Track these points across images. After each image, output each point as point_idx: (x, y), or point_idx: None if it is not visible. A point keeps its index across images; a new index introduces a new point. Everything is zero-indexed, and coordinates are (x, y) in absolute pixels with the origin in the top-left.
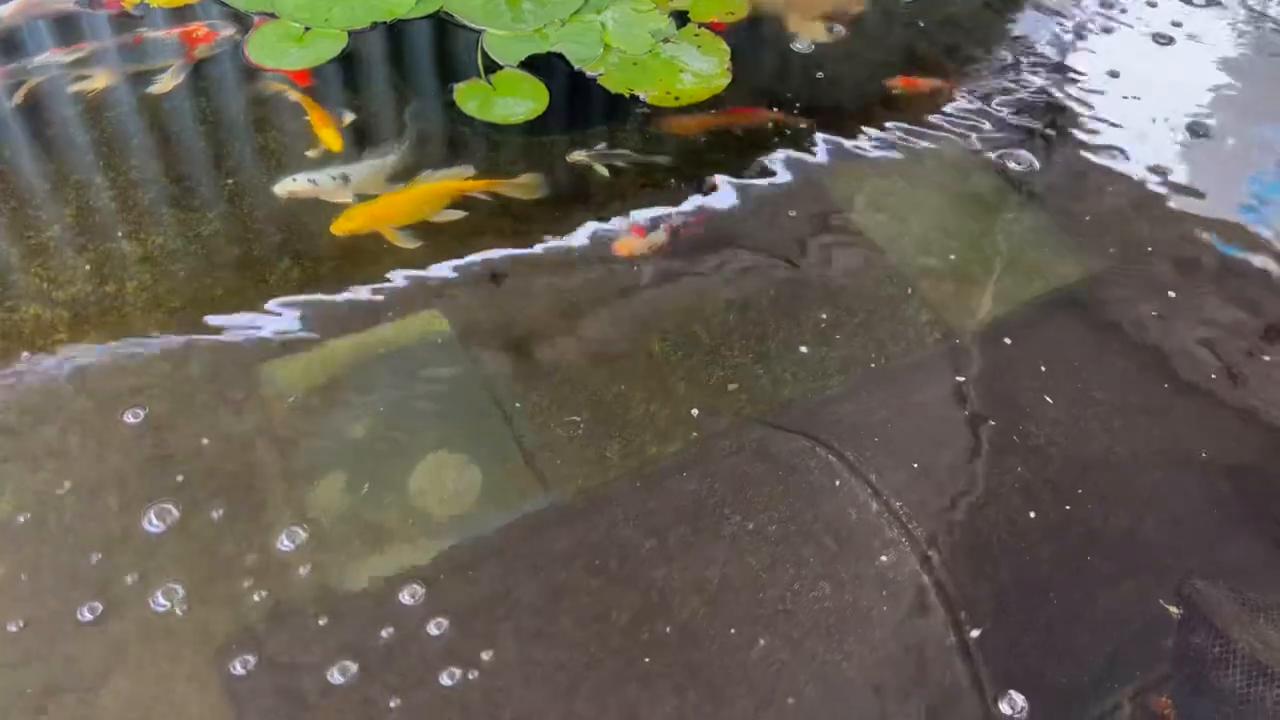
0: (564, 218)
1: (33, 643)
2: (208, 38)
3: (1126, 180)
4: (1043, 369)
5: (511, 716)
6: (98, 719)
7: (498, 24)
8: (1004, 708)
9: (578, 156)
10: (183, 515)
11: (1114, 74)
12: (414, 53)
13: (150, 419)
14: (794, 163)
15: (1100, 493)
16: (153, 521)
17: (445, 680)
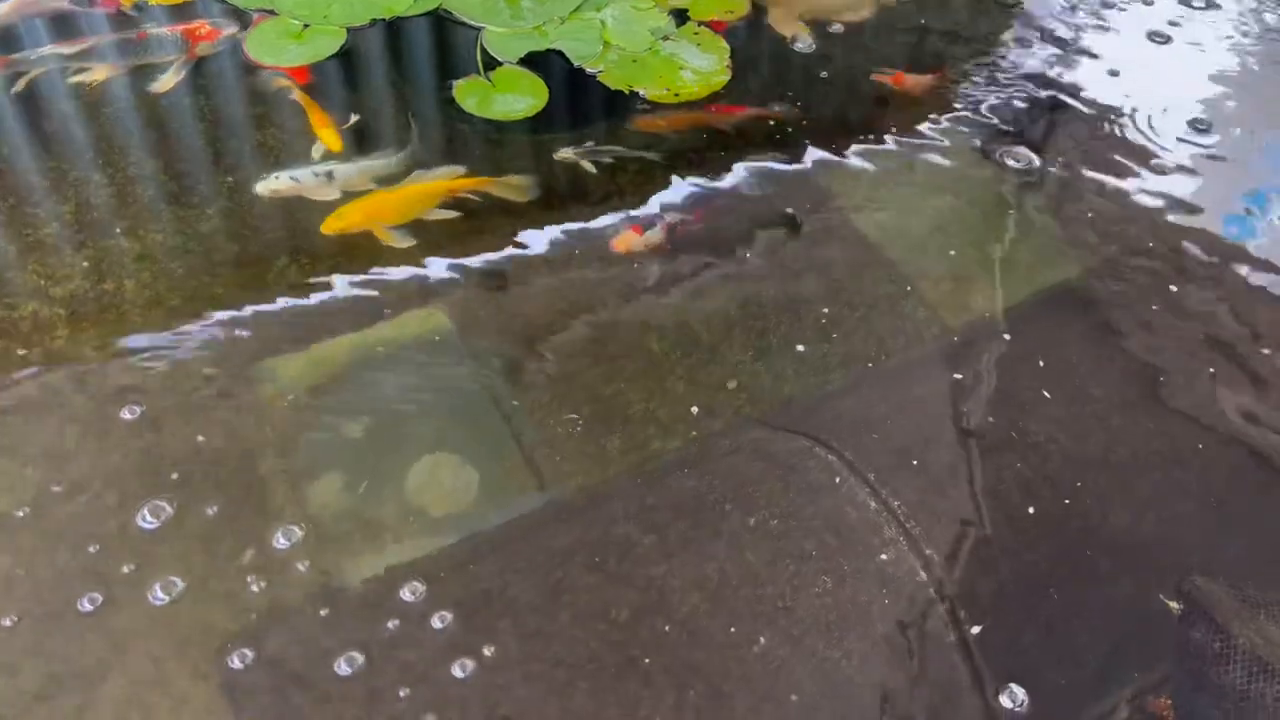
0: (563, 215)
1: (28, 639)
2: (211, 35)
3: (1126, 178)
4: (1042, 366)
5: (510, 713)
6: (95, 716)
7: (497, 21)
8: (1005, 701)
9: (565, 154)
10: (180, 513)
11: (1113, 72)
12: (413, 50)
13: (148, 416)
14: (792, 161)
15: (1100, 489)
16: (150, 519)
17: (444, 677)
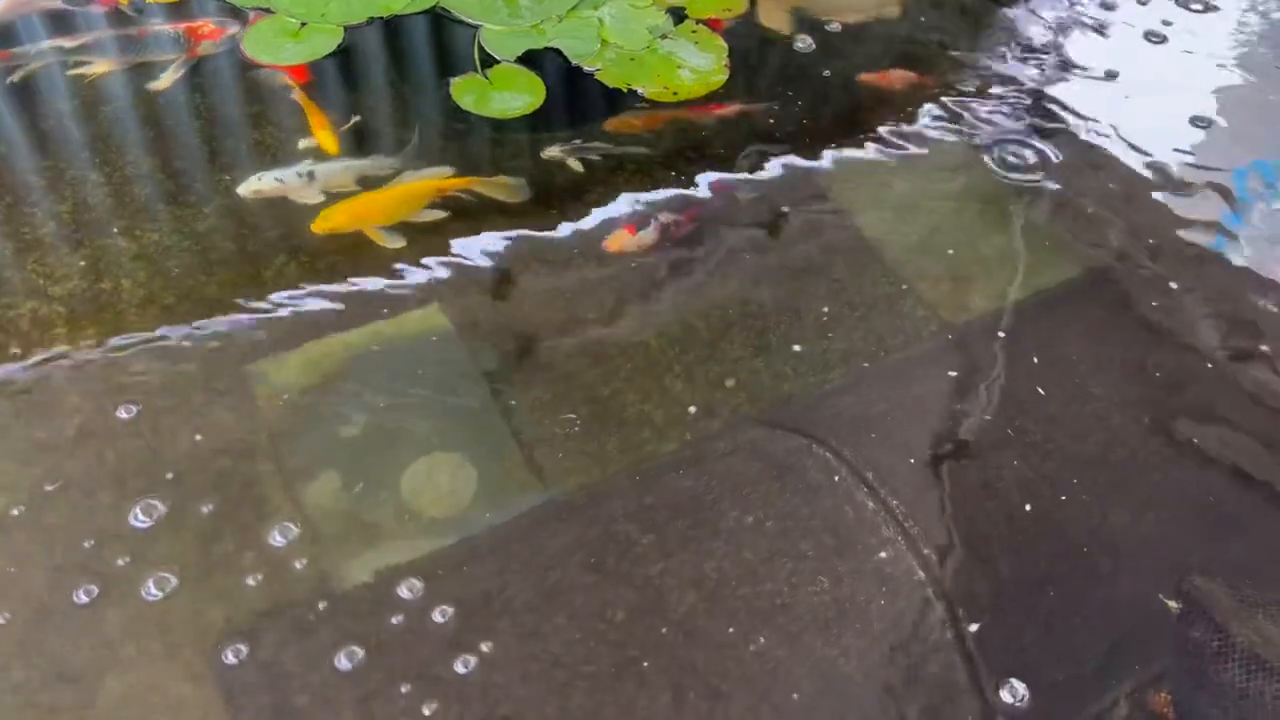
0: (561, 213)
1: (21, 637)
2: (213, 34)
3: (1125, 176)
4: (1040, 365)
5: (508, 712)
6: (91, 714)
7: (495, 19)
8: (1005, 696)
9: (553, 152)
10: (176, 512)
11: (1112, 71)
12: (410, 48)
13: (145, 415)
14: (789, 159)
15: (1098, 488)
16: (146, 517)
17: (442, 676)
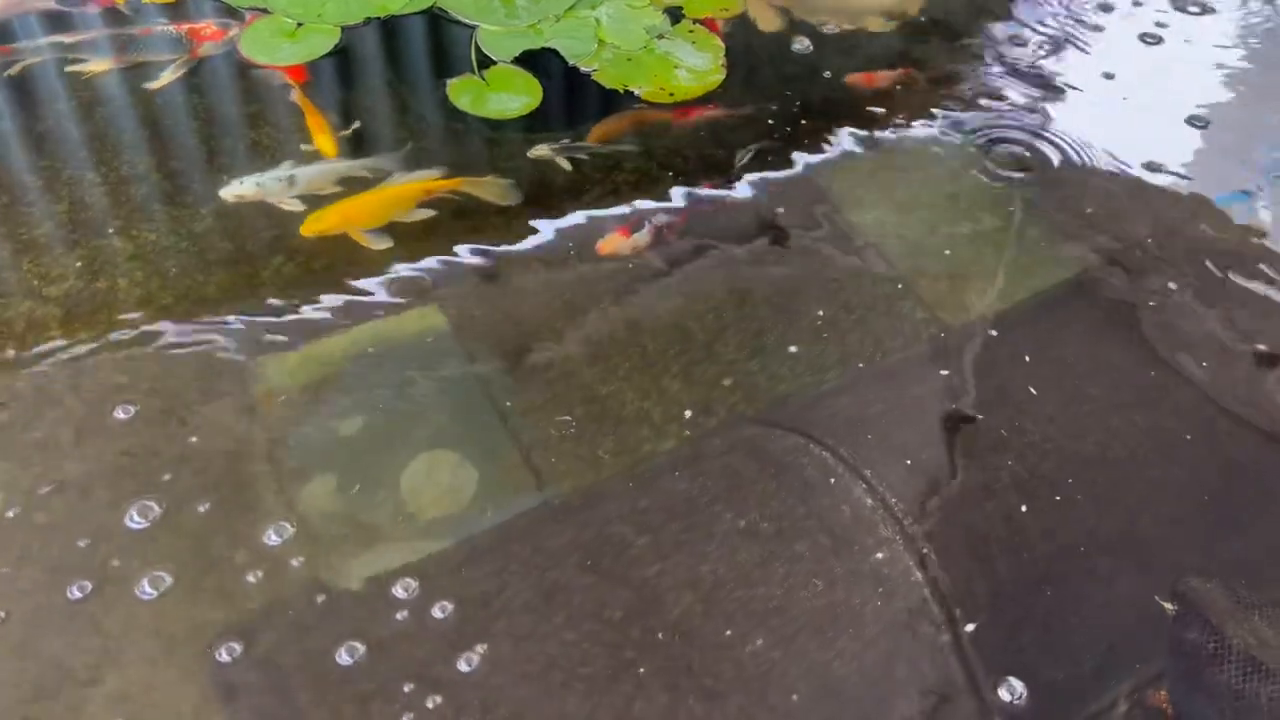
0: (559, 214)
1: (16, 638)
2: (216, 35)
3: (1122, 177)
4: (1038, 365)
5: (506, 714)
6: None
7: (491, 19)
8: (1003, 694)
9: (540, 151)
10: (172, 512)
11: (1109, 72)
12: (407, 48)
13: (141, 415)
14: (785, 160)
15: (1096, 489)
16: (142, 518)
17: (439, 677)
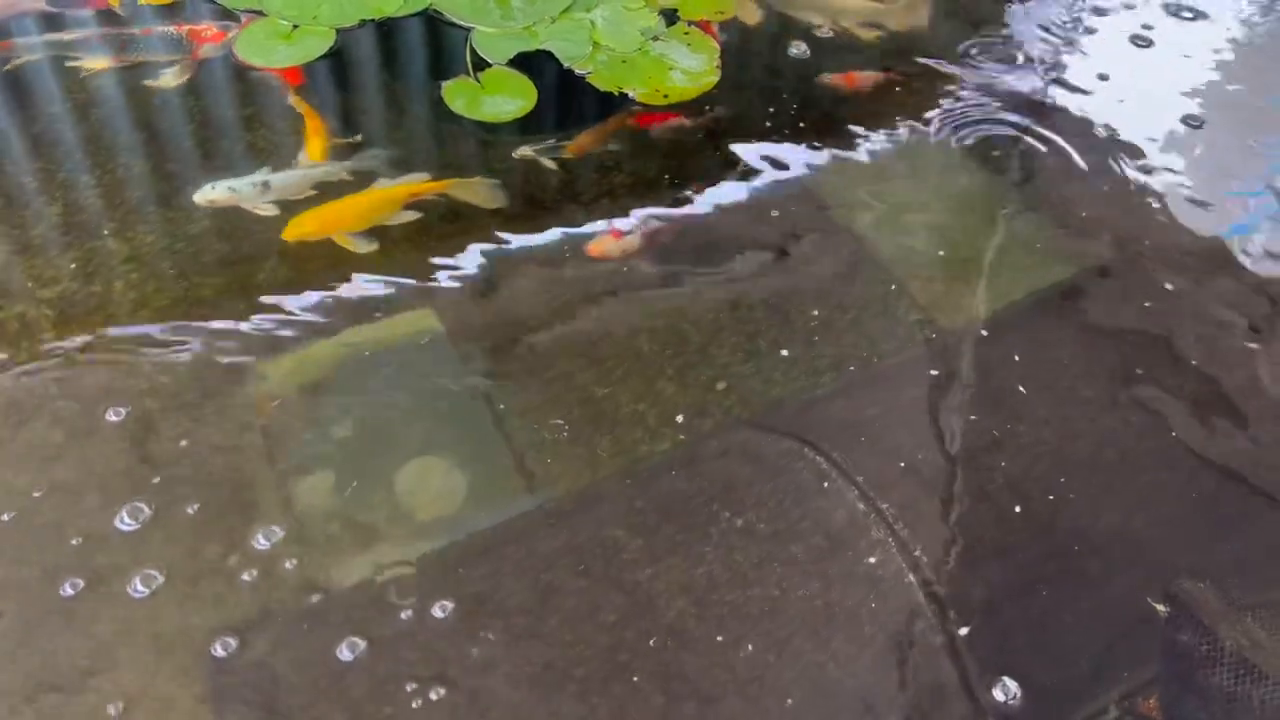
0: (554, 216)
1: (9, 641)
2: (216, 38)
3: (1117, 178)
4: (1032, 367)
5: (499, 717)
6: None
7: (487, 21)
8: (997, 694)
9: (524, 152)
10: (166, 515)
11: (1103, 74)
12: (402, 50)
13: (134, 418)
14: (781, 162)
15: (1089, 490)
16: (134, 521)
17: (431, 681)
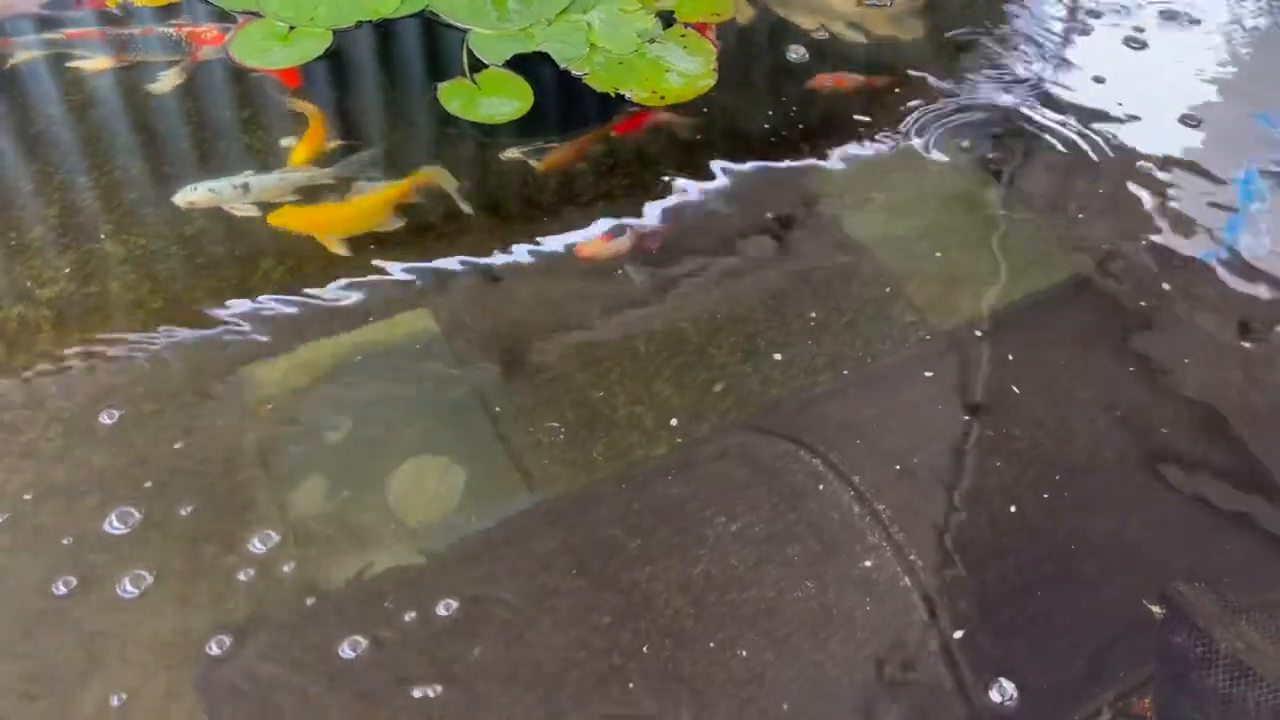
0: (551, 218)
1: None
2: (215, 40)
3: (1114, 179)
4: (1028, 367)
5: (494, 718)
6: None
7: (483, 23)
8: (994, 695)
9: (512, 154)
10: (160, 517)
11: (1099, 76)
12: (399, 52)
13: (128, 420)
14: (777, 164)
15: (1084, 492)
16: (127, 524)
17: (426, 683)
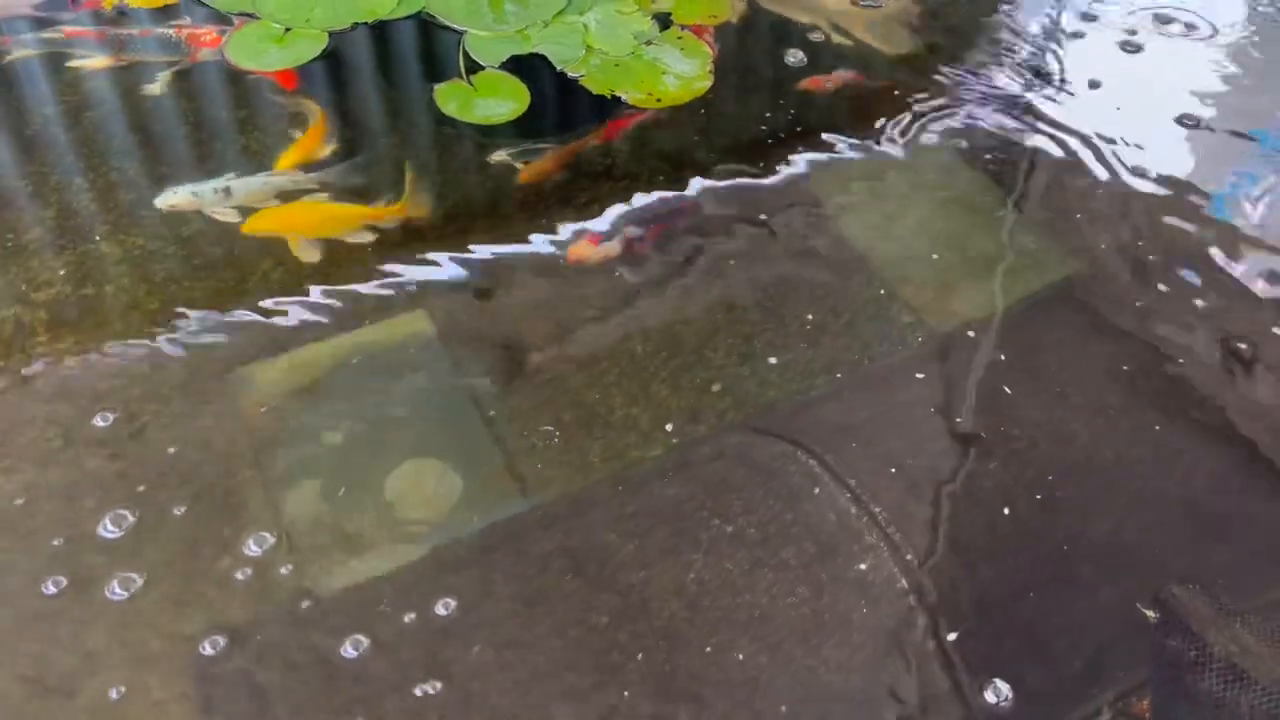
0: (549, 219)
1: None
2: (214, 42)
3: (1110, 180)
4: (1025, 370)
5: None
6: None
7: (479, 25)
8: (989, 697)
9: (499, 156)
10: (154, 520)
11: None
12: (395, 53)
13: (122, 422)
14: (773, 166)
15: (1080, 494)
16: (120, 527)
17: (422, 685)
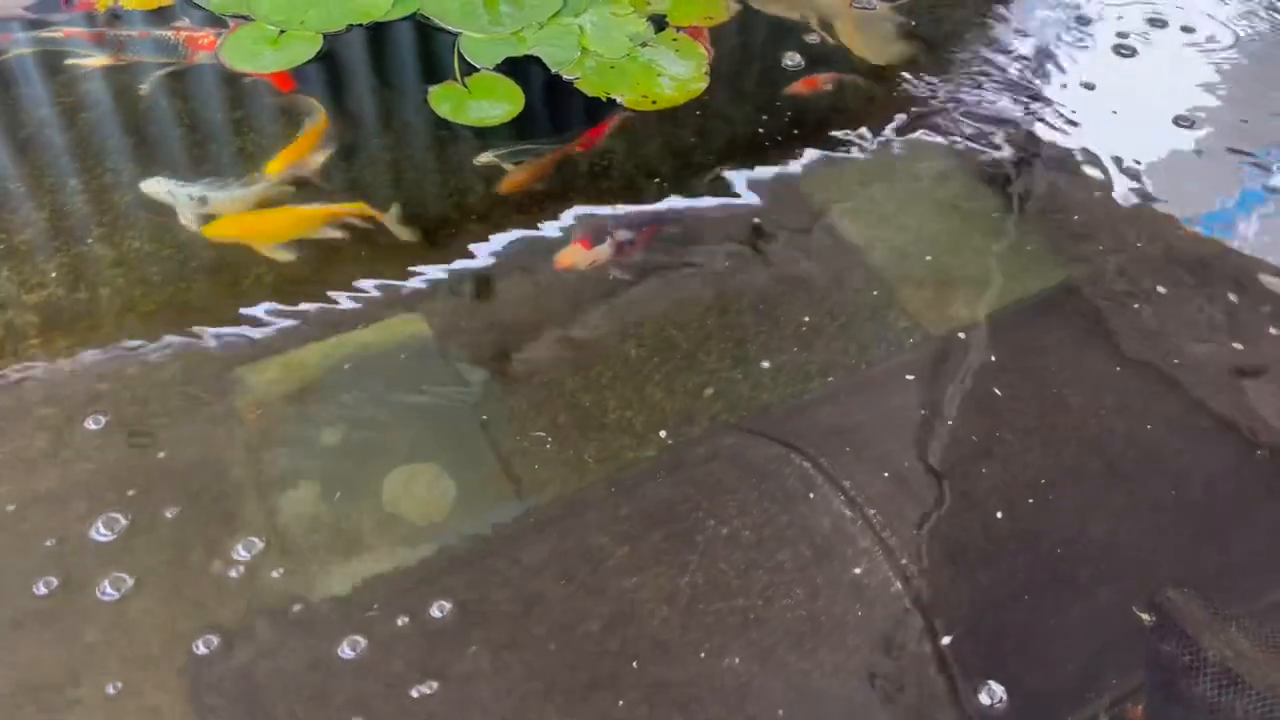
0: (545, 220)
1: None
2: (211, 45)
3: (1108, 182)
4: (1020, 373)
5: None
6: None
7: (474, 26)
8: (984, 699)
9: (486, 158)
10: (148, 523)
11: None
12: (390, 55)
13: (115, 426)
14: (771, 168)
15: (1075, 498)
16: (114, 530)
17: (416, 689)
